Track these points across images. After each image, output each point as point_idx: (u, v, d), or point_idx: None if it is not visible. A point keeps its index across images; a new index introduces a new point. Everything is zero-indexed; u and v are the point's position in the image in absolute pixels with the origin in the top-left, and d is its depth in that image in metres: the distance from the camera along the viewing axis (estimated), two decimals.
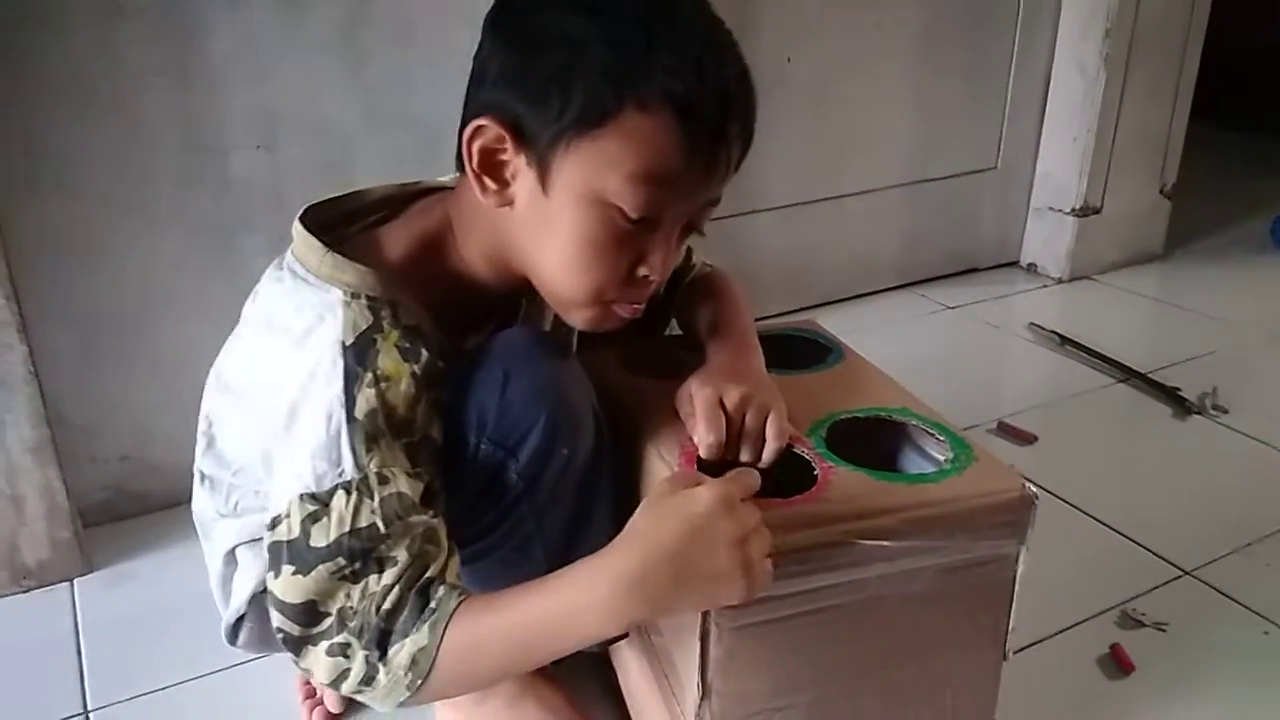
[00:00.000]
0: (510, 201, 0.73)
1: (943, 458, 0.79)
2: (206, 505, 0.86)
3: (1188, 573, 1.14)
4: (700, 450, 0.75)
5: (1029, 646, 1.00)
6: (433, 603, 0.65)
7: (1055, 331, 1.74)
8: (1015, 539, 0.75)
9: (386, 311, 0.71)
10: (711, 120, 0.69)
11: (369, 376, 0.68)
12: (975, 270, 2.07)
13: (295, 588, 0.65)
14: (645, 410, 0.82)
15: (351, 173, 1.25)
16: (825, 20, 1.71)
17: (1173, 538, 1.19)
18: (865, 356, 0.94)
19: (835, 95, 1.77)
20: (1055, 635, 1.04)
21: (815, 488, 0.73)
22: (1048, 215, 2.05)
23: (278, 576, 0.66)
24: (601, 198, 0.70)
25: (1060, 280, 2.04)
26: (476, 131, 0.71)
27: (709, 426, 0.74)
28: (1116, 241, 2.07)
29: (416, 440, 0.70)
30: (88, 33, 1.09)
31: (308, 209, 0.78)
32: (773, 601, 0.69)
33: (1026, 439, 1.42)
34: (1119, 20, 1.85)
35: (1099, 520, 1.24)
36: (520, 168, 0.72)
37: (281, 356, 0.71)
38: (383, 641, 0.64)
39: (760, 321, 0.91)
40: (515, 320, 0.86)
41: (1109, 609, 1.08)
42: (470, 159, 0.72)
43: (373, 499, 0.66)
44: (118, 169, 1.15)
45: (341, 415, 0.66)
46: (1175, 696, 0.97)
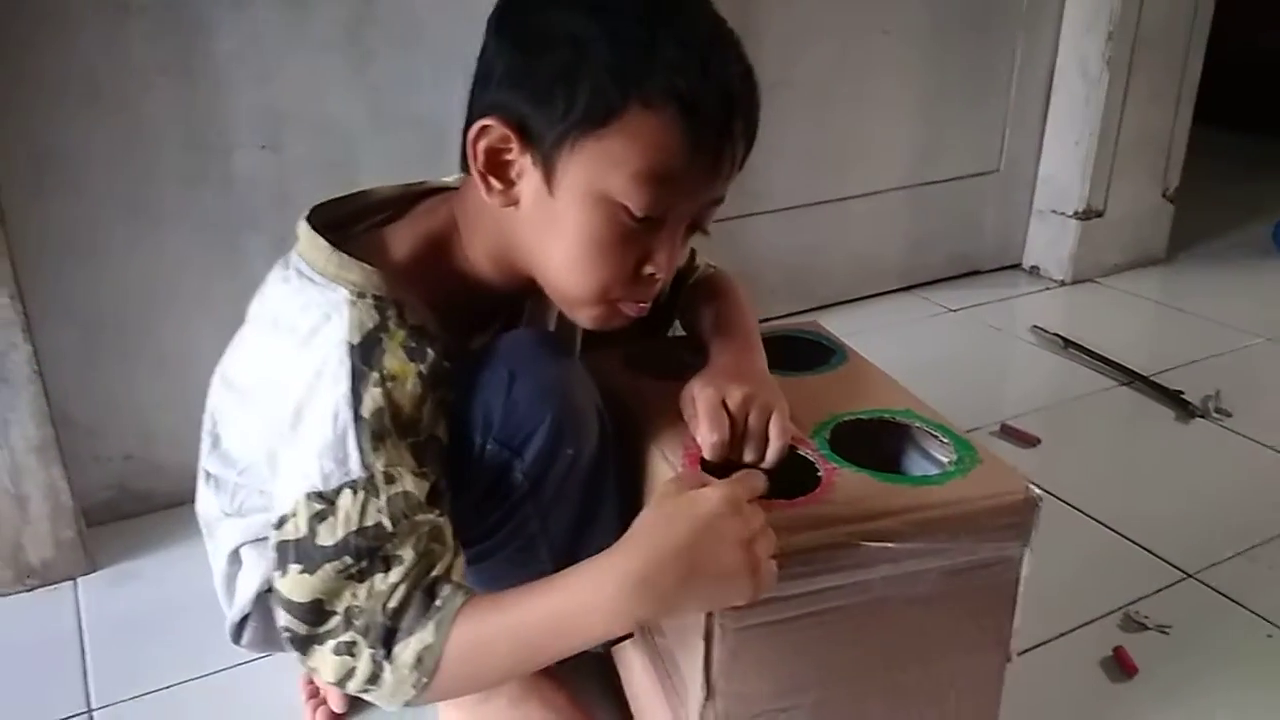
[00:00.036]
0: (515, 201, 0.73)
1: (946, 460, 0.79)
2: (211, 504, 0.86)
3: (1191, 575, 1.14)
4: (704, 451, 0.75)
5: (1032, 649, 1.00)
6: (438, 601, 0.65)
7: (1058, 334, 1.74)
8: (1019, 541, 0.75)
9: (392, 311, 0.71)
10: (715, 117, 0.69)
11: (375, 376, 0.68)
12: (977, 273, 2.07)
13: (302, 587, 0.65)
14: (649, 411, 0.82)
15: (356, 172, 1.25)
16: (828, 23, 1.71)
17: (1176, 540, 1.19)
18: (868, 358, 0.94)
19: (838, 98, 1.78)
20: (1059, 637, 1.04)
21: (819, 489, 0.73)
22: (1050, 218, 2.04)
23: (284, 575, 0.66)
24: (607, 196, 0.70)
25: (1062, 283, 2.04)
26: (481, 132, 0.71)
27: (712, 426, 0.74)
28: (1119, 244, 2.07)
29: (422, 440, 0.70)
30: (92, 31, 1.09)
31: (313, 209, 0.78)
32: (777, 602, 0.69)
33: (1029, 441, 1.42)
34: (1121, 23, 1.85)
35: (1102, 523, 1.24)
36: (525, 167, 0.72)
37: (287, 356, 0.71)
38: (388, 640, 0.64)
39: (763, 323, 0.91)
40: (520, 321, 0.86)
41: (1112, 611, 1.08)
42: (475, 159, 0.72)
43: (379, 498, 0.66)
44: (122, 168, 1.15)
45: (348, 414, 0.67)
46: (1178, 699, 0.97)
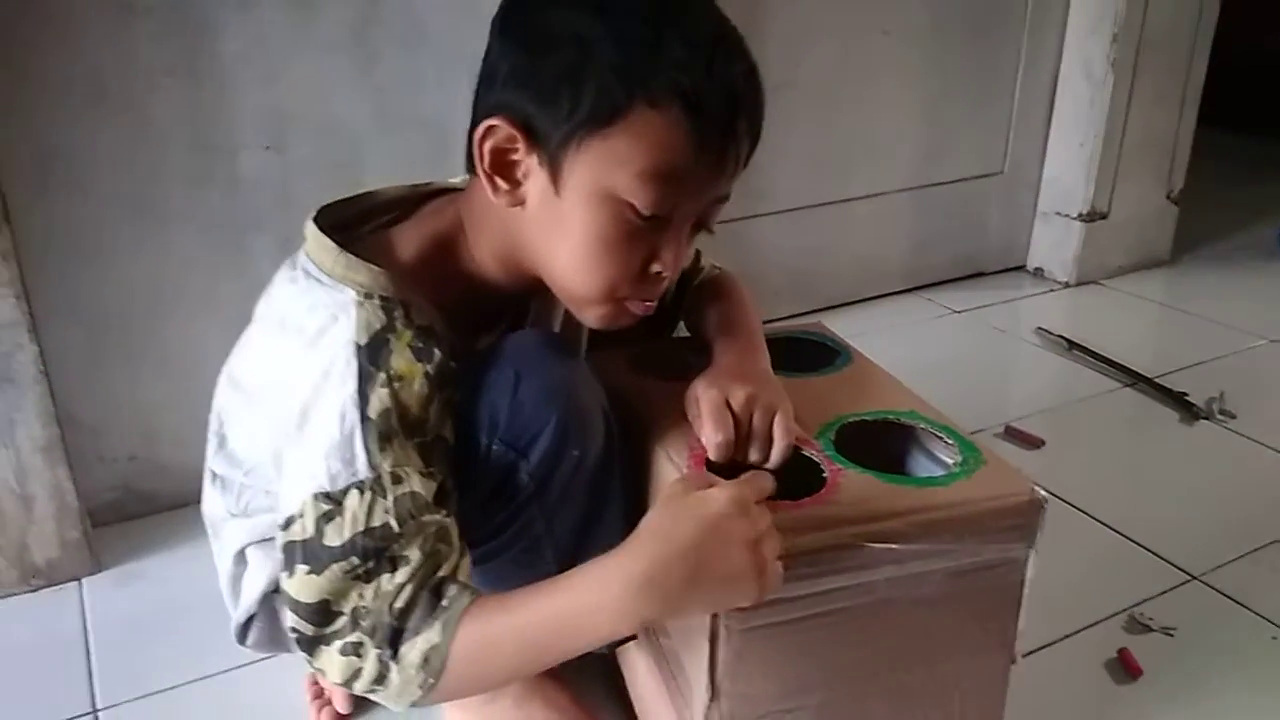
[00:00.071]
0: (522, 201, 0.73)
1: (951, 461, 0.79)
2: (217, 505, 0.86)
3: (1195, 577, 1.14)
4: (709, 451, 0.75)
5: (1037, 650, 1.00)
6: (445, 601, 0.65)
7: (1063, 336, 1.74)
8: (1024, 543, 0.75)
9: (399, 312, 0.71)
10: (720, 116, 0.69)
11: (382, 376, 0.68)
12: (982, 274, 2.07)
13: (309, 587, 0.65)
14: (653, 412, 0.82)
15: (361, 173, 1.25)
16: (834, 24, 1.71)
17: (1180, 542, 1.19)
18: (873, 360, 0.94)
19: (843, 99, 1.78)
20: (1063, 639, 1.04)
21: (824, 490, 0.73)
22: (1054, 220, 2.04)
23: (291, 576, 0.66)
24: (613, 195, 0.70)
25: (1067, 285, 2.04)
26: (488, 132, 0.71)
27: (716, 427, 0.74)
28: (1123, 246, 2.06)
29: (429, 440, 0.70)
30: (97, 31, 1.10)
31: (320, 210, 0.78)
32: (782, 604, 0.69)
33: (1034, 443, 1.42)
34: (1126, 25, 1.85)
35: (1107, 525, 1.24)
36: (532, 167, 0.72)
37: (294, 356, 0.71)
38: (395, 640, 0.64)
39: (767, 324, 0.91)
40: (526, 321, 0.86)
41: (1117, 613, 1.08)
42: (481, 160, 0.72)
43: (386, 498, 0.66)
44: (127, 168, 1.15)
45: (355, 415, 0.67)
46: (1183, 701, 0.97)
